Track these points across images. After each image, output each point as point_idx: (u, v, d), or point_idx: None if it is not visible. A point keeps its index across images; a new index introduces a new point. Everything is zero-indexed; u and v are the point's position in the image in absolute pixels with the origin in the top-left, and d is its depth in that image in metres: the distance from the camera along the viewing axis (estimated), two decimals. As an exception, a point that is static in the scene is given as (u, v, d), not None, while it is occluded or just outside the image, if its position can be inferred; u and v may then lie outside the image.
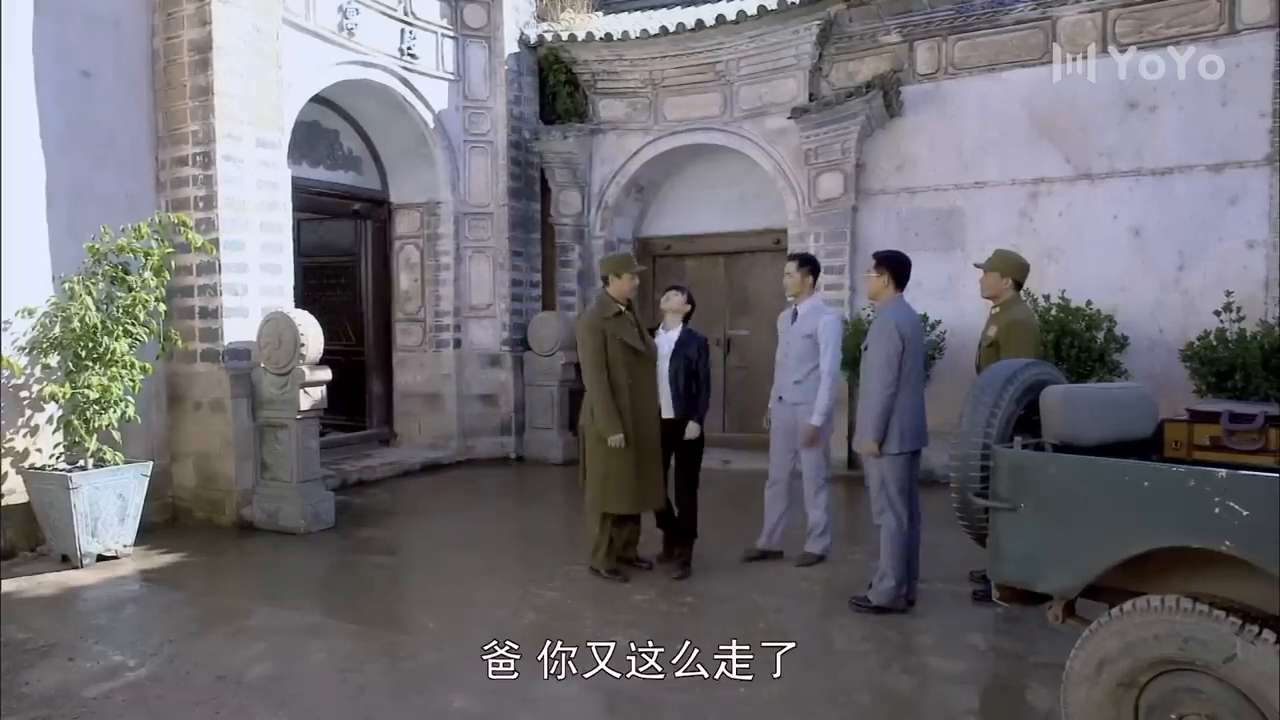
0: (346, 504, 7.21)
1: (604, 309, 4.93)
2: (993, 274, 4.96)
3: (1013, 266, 4.96)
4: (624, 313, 4.92)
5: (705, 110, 9.00)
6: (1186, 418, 3.34)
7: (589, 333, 4.88)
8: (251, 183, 6.50)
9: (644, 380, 4.94)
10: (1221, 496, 2.44)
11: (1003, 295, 4.91)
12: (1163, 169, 7.45)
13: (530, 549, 6.24)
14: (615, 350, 4.83)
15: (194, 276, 6.41)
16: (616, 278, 4.92)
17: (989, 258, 5.10)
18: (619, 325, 4.88)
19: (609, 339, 4.83)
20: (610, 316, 4.88)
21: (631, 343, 4.86)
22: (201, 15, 6.17)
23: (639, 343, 4.90)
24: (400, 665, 4.09)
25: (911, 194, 8.33)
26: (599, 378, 4.82)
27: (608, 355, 4.82)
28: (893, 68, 8.17)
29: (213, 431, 6.43)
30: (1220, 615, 2.44)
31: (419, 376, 9.19)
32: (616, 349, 4.83)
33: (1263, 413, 3.10)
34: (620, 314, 4.90)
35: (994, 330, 4.78)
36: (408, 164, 9.01)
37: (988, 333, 4.87)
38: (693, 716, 3.51)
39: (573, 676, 3.88)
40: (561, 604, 4.90)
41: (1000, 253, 5.15)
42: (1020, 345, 4.52)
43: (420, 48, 8.40)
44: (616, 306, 4.92)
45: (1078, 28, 7.66)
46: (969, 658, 4.07)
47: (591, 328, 4.88)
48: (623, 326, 4.88)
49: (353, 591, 5.31)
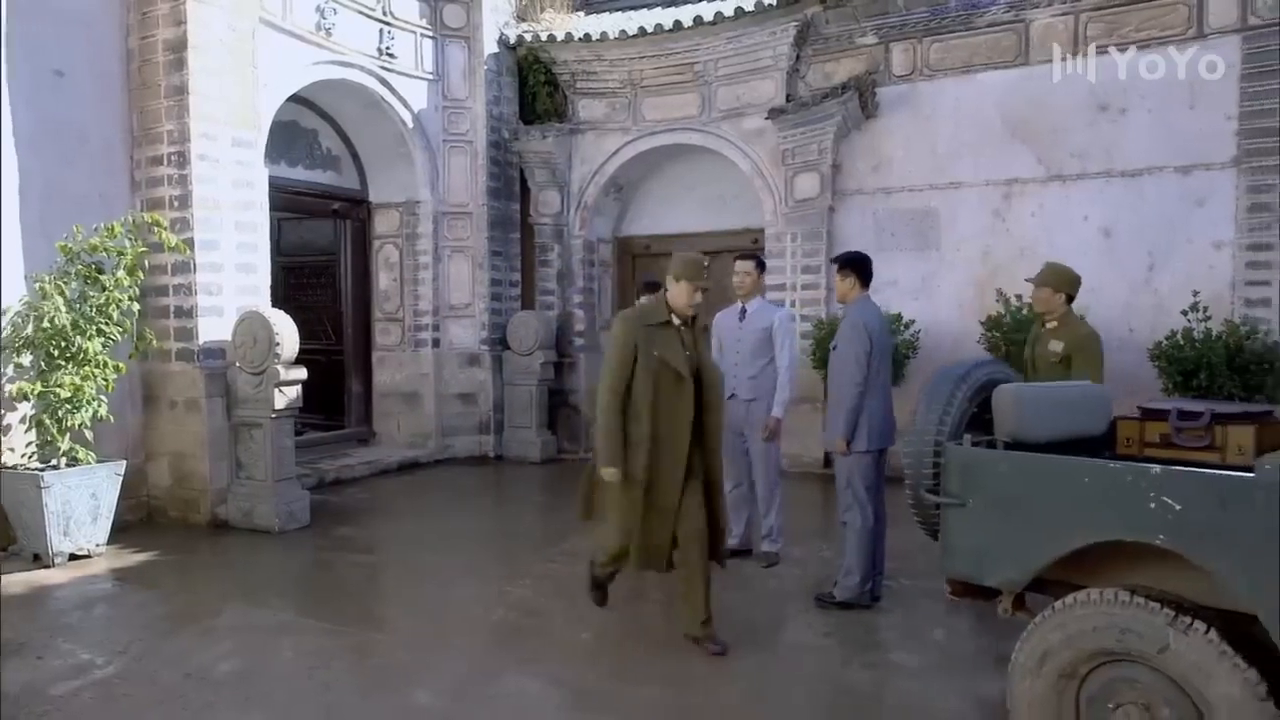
0: (323, 503, 7.24)
1: (649, 314, 4.03)
2: (1044, 289, 4.82)
3: (1065, 280, 4.82)
4: (673, 325, 3.99)
5: (683, 111, 9.05)
6: (1138, 416, 3.39)
7: (619, 336, 3.99)
8: (227, 182, 6.52)
9: (676, 412, 3.95)
10: (1155, 492, 2.51)
11: (1057, 310, 4.80)
12: (1132, 170, 7.55)
13: (505, 547, 6.27)
14: (647, 367, 3.91)
15: (169, 276, 6.41)
16: (675, 283, 3.98)
17: (1040, 272, 4.92)
18: (661, 338, 3.94)
19: (641, 350, 3.91)
20: (655, 324, 3.97)
21: (672, 362, 3.91)
22: (176, 15, 6.18)
23: (682, 364, 3.93)
24: (367, 662, 4.13)
25: (887, 194, 8.41)
26: (611, 391, 3.95)
27: (635, 369, 3.92)
28: (868, 69, 8.24)
29: (188, 431, 6.44)
30: (1155, 607, 2.51)
31: (398, 376, 9.21)
32: (649, 365, 3.91)
33: (1209, 410, 3.15)
34: (668, 325, 3.97)
35: (1061, 346, 4.67)
36: (387, 163, 9.02)
37: (1049, 348, 4.73)
38: (654, 712, 3.55)
39: (537, 673, 3.95)
40: (533, 602, 4.94)
41: (1051, 266, 4.95)
42: (1095, 360, 4.55)
43: (399, 47, 8.42)
44: (666, 315, 3.98)
45: (1050, 30, 7.75)
46: (929, 652, 4.13)
47: (625, 330, 3.97)
48: (666, 341, 3.94)
49: (325, 590, 5.34)
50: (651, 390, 3.91)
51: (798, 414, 7.83)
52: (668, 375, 3.92)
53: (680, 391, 3.95)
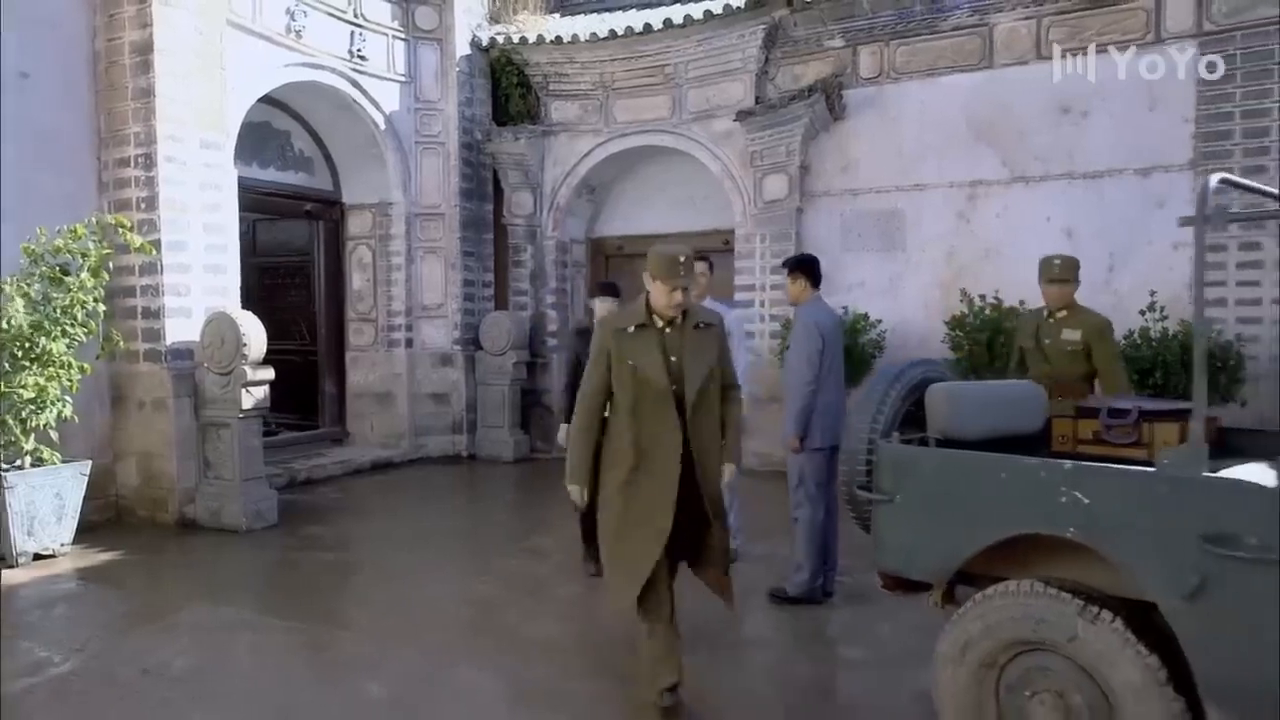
0: (294, 502, 7.28)
1: (625, 317, 3.57)
2: (1070, 286, 4.87)
3: (1078, 271, 4.94)
4: (652, 328, 3.48)
5: (655, 112, 9.13)
6: (1072, 414, 3.48)
7: (594, 343, 3.61)
8: (194, 184, 6.56)
9: (659, 427, 3.43)
10: (1067, 486, 2.60)
11: (1070, 300, 4.90)
12: (1094, 172, 7.66)
13: (471, 545, 6.33)
14: (624, 377, 3.46)
15: (136, 277, 6.45)
16: (652, 282, 3.47)
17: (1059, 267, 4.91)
18: (638, 344, 3.46)
19: (614, 360, 3.48)
20: (630, 329, 3.48)
21: (646, 371, 3.42)
22: (142, 18, 6.21)
23: (657, 373, 3.42)
24: (322, 657, 4.20)
25: (854, 195, 8.50)
26: (582, 405, 3.57)
27: (612, 380, 3.50)
28: (834, 72, 8.33)
29: (155, 431, 6.47)
30: (1066, 597, 2.60)
31: (371, 376, 9.26)
32: (625, 376, 3.45)
33: (1137, 408, 3.25)
34: (645, 328, 3.47)
35: (1078, 334, 4.74)
36: (359, 165, 9.07)
37: (1065, 337, 4.78)
38: (596, 704, 3.62)
39: (490, 667, 4.02)
40: (493, 597, 5.02)
41: (1067, 260, 4.97)
42: (1114, 347, 4.76)
43: (370, 49, 8.47)
44: (642, 317, 3.49)
45: (1013, 34, 7.86)
46: (877, 646, 4.22)
47: (598, 337, 3.58)
48: (643, 347, 3.45)
49: (287, 588, 5.39)
50: (630, 403, 3.44)
51: (767, 413, 7.95)
52: (643, 387, 3.43)
53: (661, 404, 3.42)
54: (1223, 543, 2.29)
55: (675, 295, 3.44)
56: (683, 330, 3.53)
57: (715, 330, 3.59)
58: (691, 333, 3.53)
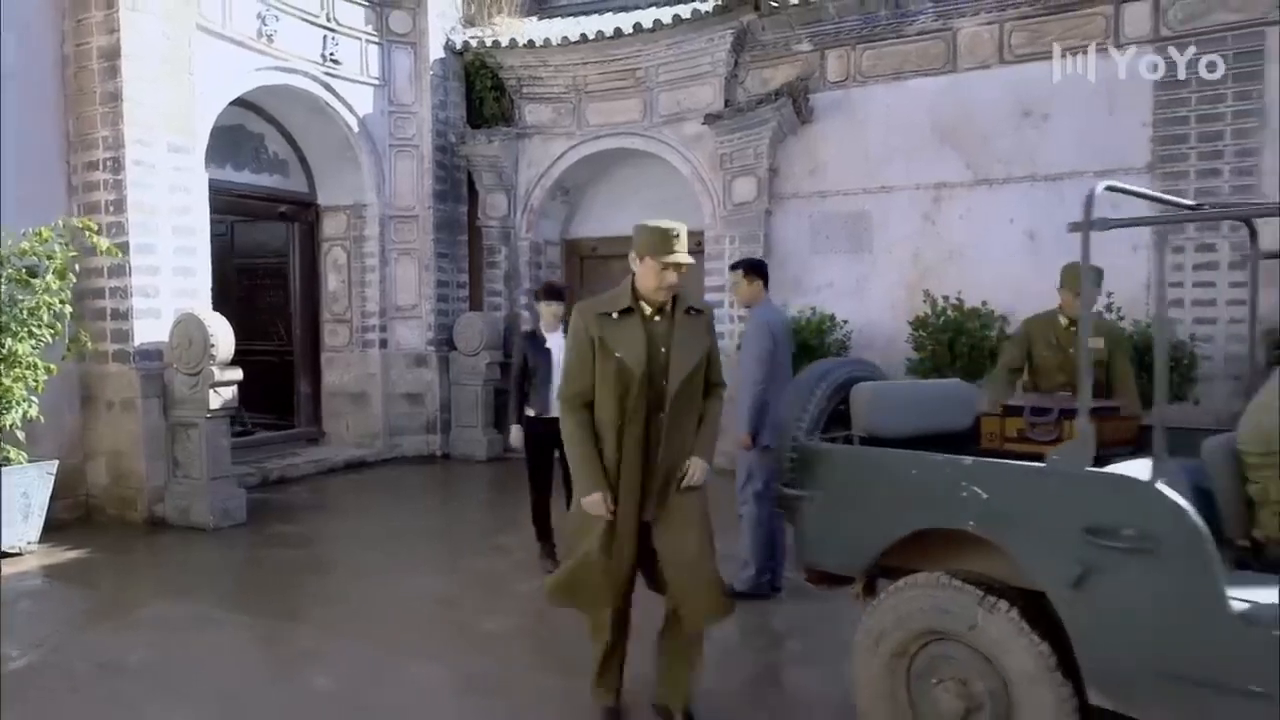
0: (265, 501, 7.37)
1: (606, 301, 3.14)
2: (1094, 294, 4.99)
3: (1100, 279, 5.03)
4: (638, 314, 3.09)
5: (626, 115, 9.23)
6: (1000, 412, 3.59)
7: (572, 331, 3.16)
8: (163, 187, 6.64)
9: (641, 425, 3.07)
10: (968, 481, 2.71)
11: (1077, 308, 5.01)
12: (1055, 175, 7.78)
13: (437, 542, 6.42)
14: (607, 372, 3.04)
15: (105, 279, 6.53)
16: (639, 261, 3.08)
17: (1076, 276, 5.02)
18: (622, 331, 3.05)
19: (599, 349, 3.06)
20: (614, 314, 3.07)
21: (629, 362, 3.02)
22: (110, 23, 6.29)
23: (640, 364, 3.03)
24: (276, 651, 4.30)
25: (822, 197, 8.61)
26: (569, 405, 3.15)
27: (595, 372, 3.07)
28: (800, 75, 8.44)
29: (124, 431, 6.56)
30: (968, 589, 2.71)
31: (346, 376, 9.34)
32: (610, 371, 3.04)
33: (1057, 407, 3.37)
34: (630, 314, 3.08)
35: (1101, 342, 4.82)
36: (334, 167, 9.15)
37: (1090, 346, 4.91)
38: (541, 697, 3.72)
39: (440, 660, 4.12)
40: (452, 593, 5.12)
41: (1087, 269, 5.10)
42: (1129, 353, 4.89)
43: (344, 53, 8.55)
44: (627, 302, 3.08)
45: (976, 39, 7.98)
46: (819, 640, 4.32)
47: (578, 323, 3.12)
48: (627, 334, 3.05)
49: (249, 585, 5.49)
50: (615, 403, 3.04)
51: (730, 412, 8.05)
52: (624, 380, 3.03)
53: (649, 403, 3.07)
54: (1102, 534, 2.40)
55: (668, 275, 3.04)
56: (672, 318, 3.12)
57: (706, 318, 3.23)
58: (682, 319, 3.14)
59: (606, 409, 3.08)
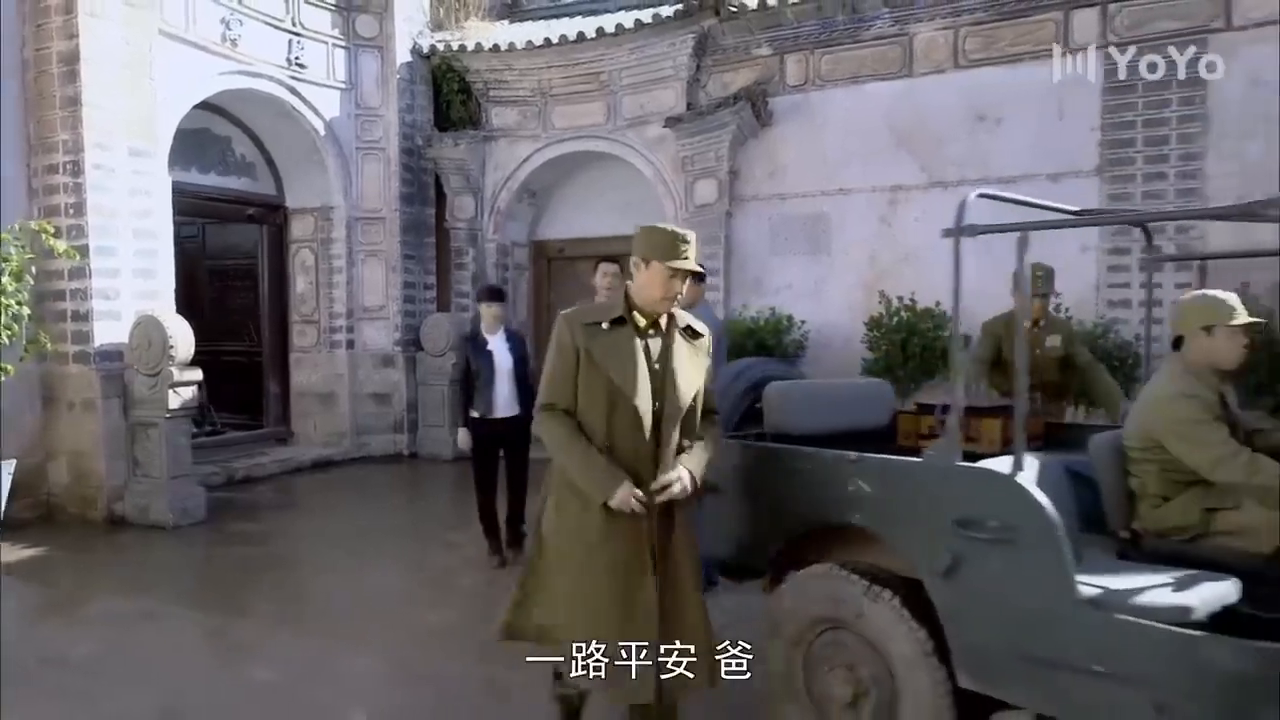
0: (229, 500, 7.46)
1: (596, 310, 2.83)
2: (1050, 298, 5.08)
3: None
4: (631, 327, 2.74)
5: (591, 118, 9.35)
6: (914, 410, 3.73)
7: (556, 340, 2.76)
8: (123, 190, 6.73)
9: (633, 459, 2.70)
10: (854, 476, 2.84)
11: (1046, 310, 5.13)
12: (1008, 178, 7.87)
13: (391, 540, 6.50)
14: (595, 390, 2.67)
15: (65, 280, 6.62)
16: (644, 267, 2.72)
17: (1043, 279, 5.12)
18: (612, 345, 2.69)
19: (584, 364, 2.68)
20: (604, 324, 2.72)
21: (623, 385, 2.65)
22: (69, 28, 6.38)
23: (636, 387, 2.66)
24: (220, 644, 4.41)
25: (782, 200, 8.74)
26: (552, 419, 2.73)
27: (580, 386, 2.70)
28: (758, 80, 8.56)
29: (85, 430, 6.65)
30: (855, 578, 2.84)
31: (314, 376, 9.44)
32: (598, 389, 2.67)
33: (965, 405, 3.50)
34: (621, 326, 2.73)
35: (1059, 339, 5.06)
36: (301, 170, 9.24)
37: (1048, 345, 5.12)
38: (467, 690, 3.83)
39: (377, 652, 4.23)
40: (398, 588, 5.24)
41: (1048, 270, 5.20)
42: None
43: (309, 57, 8.64)
44: (619, 311, 2.74)
45: (931, 44, 8.12)
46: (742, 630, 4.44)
47: (563, 332, 2.74)
48: (619, 351, 2.69)
49: (202, 581, 5.59)
50: (602, 419, 2.67)
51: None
52: (622, 404, 2.66)
53: (637, 429, 2.67)
54: (969, 525, 2.53)
55: (675, 284, 2.71)
56: (669, 335, 2.78)
57: (705, 342, 2.88)
58: (680, 340, 2.80)
59: (591, 428, 2.69)
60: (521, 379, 5.50)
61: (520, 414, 5.44)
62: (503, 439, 5.49)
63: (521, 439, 5.51)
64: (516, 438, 5.49)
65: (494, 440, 5.45)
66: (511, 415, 5.44)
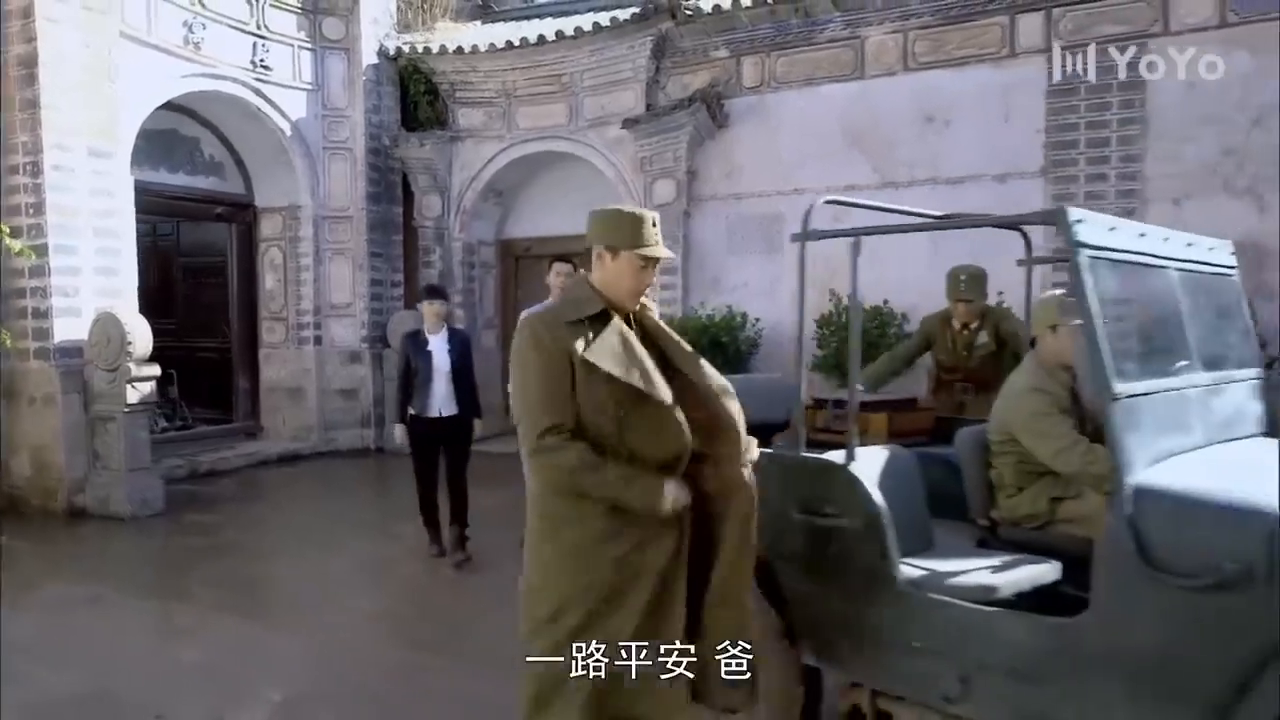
0: (191, 492, 7.64)
1: (569, 308, 2.38)
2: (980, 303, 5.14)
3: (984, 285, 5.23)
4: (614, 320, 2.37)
5: (553, 119, 9.51)
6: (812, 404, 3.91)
7: (534, 347, 2.32)
8: (84, 190, 6.90)
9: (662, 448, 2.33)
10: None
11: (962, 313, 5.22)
12: (956, 178, 8.07)
13: (339, 530, 6.63)
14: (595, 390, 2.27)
15: (26, 279, 6.80)
16: (610, 257, 2.38)
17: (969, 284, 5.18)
18: (604, 342, 2.32)
19: (580, 369, 2.27)
20: (580, 321, 2.32)
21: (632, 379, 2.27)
22: (27, 32, 6.55)
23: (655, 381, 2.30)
24: (157, 627, 4.61)
25: (739, 199, 8.91)
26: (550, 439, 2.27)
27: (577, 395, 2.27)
28: (710, 82, 8.73)
29: (46, 425, 6.84)
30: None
31: (283, 372, 9.62)
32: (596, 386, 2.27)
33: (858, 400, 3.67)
34: (605, 320, 2.35)
35: (988, 336, 5.13)
36: (269, 169, 9.42)
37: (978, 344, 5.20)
38: (384, 670, 4.01)
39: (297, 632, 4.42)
40: (337, 574, 5.41)
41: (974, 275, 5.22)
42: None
43: (275, 59, 8.81)
44: (597, 305, 2.36)
45: (882, 47, 8.28)
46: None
47: (543, 337, 2.31)
48: (611, 344, 2.32)
49: (151, 568, 5.79)
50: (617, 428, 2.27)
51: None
52: (624, 397, 2.27)
53: (664, 426, 2.31)
54: (809, 511, 2.70)
55: (647, 275, 2.42)
56: (644, 328, 2.46)
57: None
58: (659, 328, 2.50)
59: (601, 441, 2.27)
60: (460, 380, 5.47)
61: (458, 414, 5.44)
62: (440, 438, 5.48)
63: (460, 438, 5.53)
64: (454, 437, 5.49)
65: (431, 439, 5.45)
66: (449, 415, 5.40)
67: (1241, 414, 2.79)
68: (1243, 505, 2.03)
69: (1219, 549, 2.00)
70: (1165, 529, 2.10)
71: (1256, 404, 2.92)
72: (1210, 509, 2.07)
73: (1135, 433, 2.23)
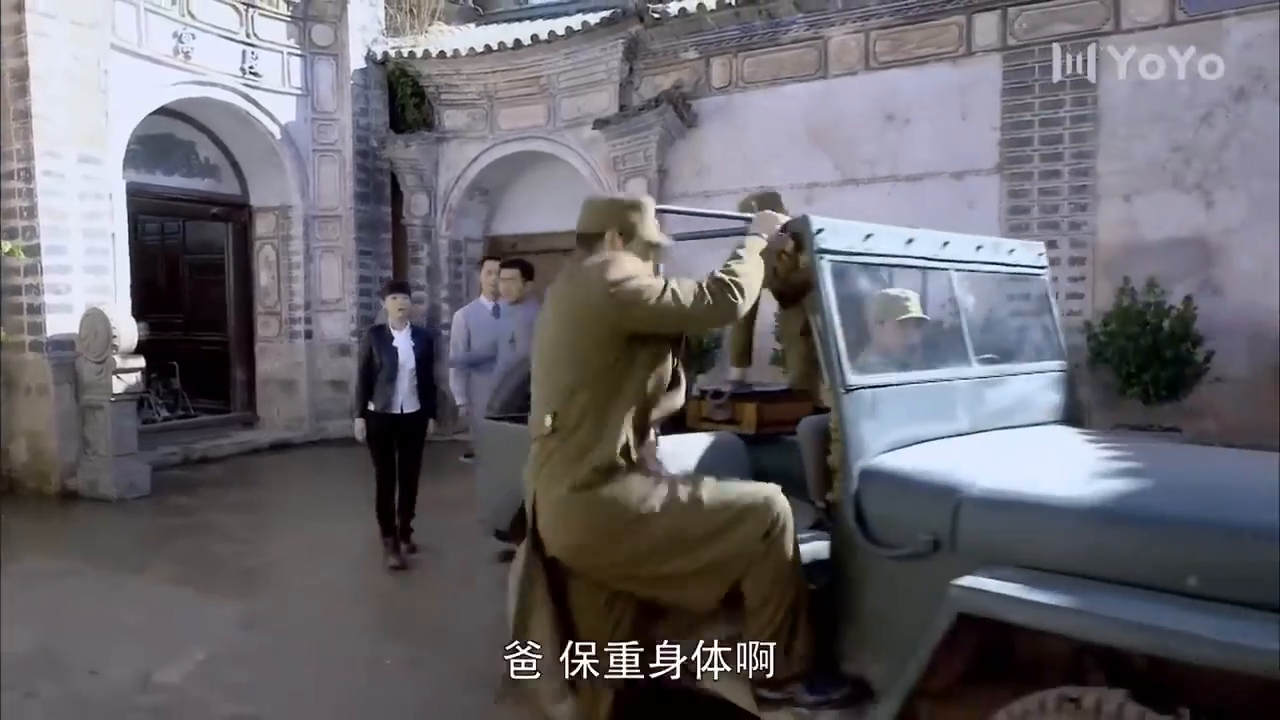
0: (182, 477, 8.12)
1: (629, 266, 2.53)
2: None
3: None
4: None
5: (533, 120, 9.84)
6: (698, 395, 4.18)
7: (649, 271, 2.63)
8: (74, 195, 7.39)
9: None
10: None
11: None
12: (915, 175, 8.24)
13: (312, 514, 7.05)
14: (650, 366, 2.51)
15: (21, 277, 7.31)
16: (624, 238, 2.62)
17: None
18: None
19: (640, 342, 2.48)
20: None
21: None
22: (19, 46, 7.03)
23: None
24: (108, 594, 5.03)
25: (708, 197, 9.12)
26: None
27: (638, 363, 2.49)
28: (675, 84, 8.97)
29: (40, 413, 7.35)
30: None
31: (276, 364, 10.09)
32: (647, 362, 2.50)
33: (729, 391, 3.95)
34: None
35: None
36: (262, 171, 9.88)
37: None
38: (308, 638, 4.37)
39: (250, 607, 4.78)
40: (294, 553, 5.81)
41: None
42: None
43: (264, 66, 9.24)
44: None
45: (844, 47, 8.46)
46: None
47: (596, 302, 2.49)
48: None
49: (124, 545, 6.22)
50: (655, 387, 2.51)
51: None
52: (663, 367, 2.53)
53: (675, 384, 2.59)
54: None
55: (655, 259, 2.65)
56: None
57: None
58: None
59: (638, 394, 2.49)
60: (423, 377, 5.56)
61: (420, 410, 5.53)
62: (398, 434, 5.55)
63: (417, 434, 5.62)
64: (412, 432, 5.58)
65: (390, 435, 5.52)
66: (410, 412, 5.49)
67: (1027, 404, 3.01)
68: (936, 482, 2.28)
69: (917, 522, 2.25)
70: (880, 506, 2.35)
71: (1053, 394, 3.13)
72: (911, 486, 2.32)
73: (869, 421, 2.49)
